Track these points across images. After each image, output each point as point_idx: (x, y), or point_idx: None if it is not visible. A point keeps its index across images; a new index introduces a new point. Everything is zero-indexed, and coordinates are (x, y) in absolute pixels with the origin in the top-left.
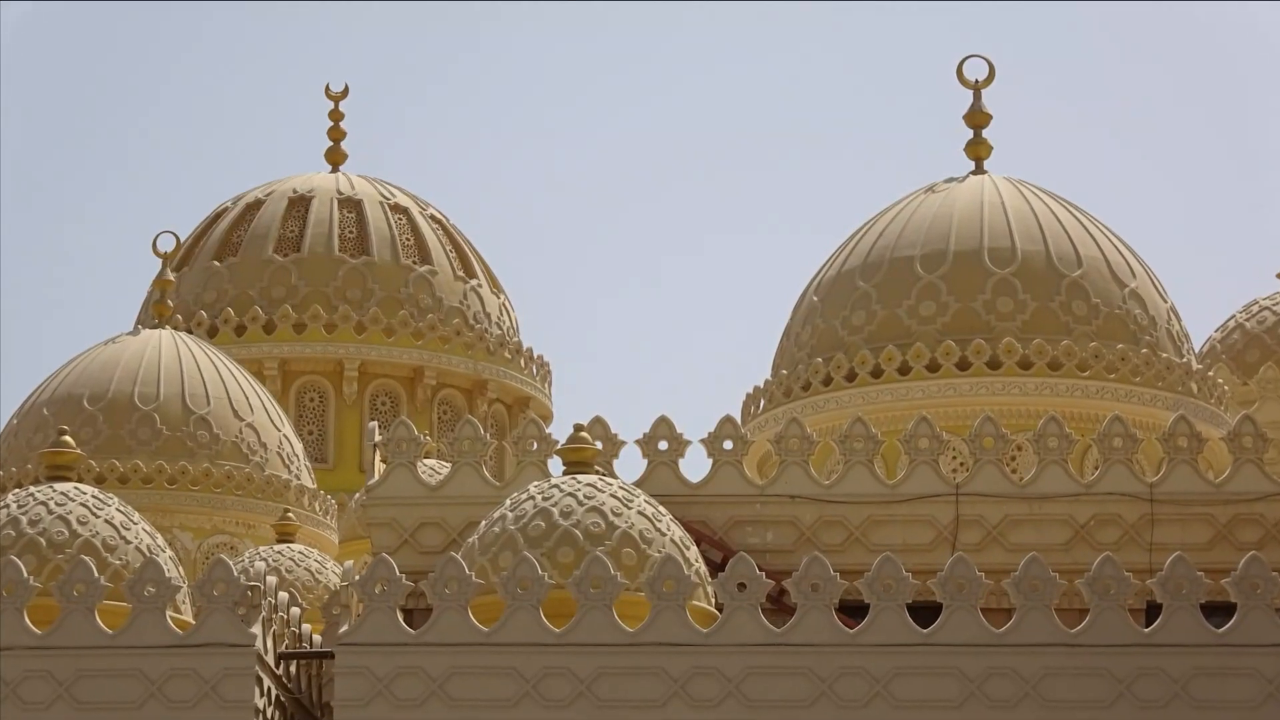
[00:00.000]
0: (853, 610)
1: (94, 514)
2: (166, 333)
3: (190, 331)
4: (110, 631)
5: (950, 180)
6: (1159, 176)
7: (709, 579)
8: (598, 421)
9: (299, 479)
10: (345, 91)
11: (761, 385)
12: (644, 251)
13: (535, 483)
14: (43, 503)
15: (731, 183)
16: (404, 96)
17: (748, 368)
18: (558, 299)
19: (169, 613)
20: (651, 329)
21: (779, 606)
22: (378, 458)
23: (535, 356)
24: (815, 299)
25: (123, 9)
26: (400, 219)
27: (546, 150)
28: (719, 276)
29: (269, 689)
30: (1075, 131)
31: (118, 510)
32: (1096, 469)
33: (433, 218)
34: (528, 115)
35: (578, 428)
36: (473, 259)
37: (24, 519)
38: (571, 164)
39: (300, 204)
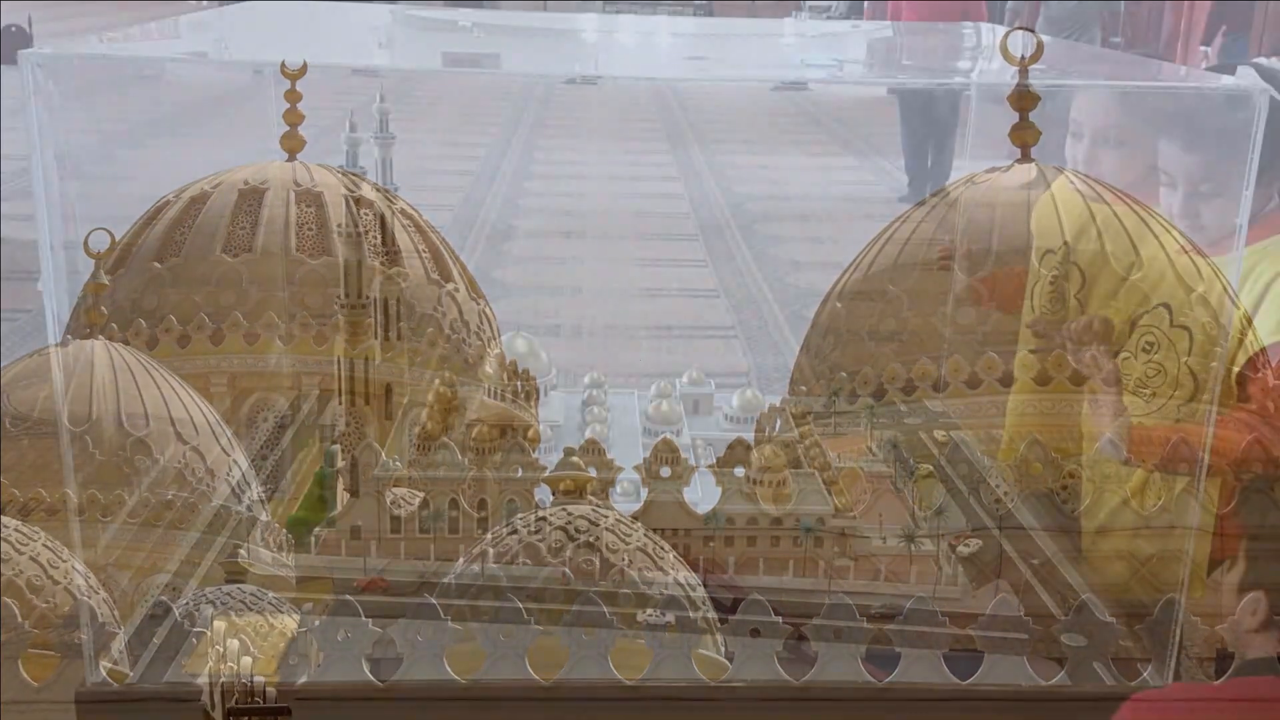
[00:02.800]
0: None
1: (17, 550)
2: (99, 343)
3: (127, 342)
4: (36, 684)
5: (992, 170)
6: None
7: (718, 624)
8: (592, 445)
9: (251, 510)
10: (304, 68)
11: (777, 403)
12: None
13: (520, 515)
14: None
15: None
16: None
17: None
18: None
19: (103, 663)
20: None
21: (798, 655)
22: (340, 486)
23: (520, 371)
24: (838, 305)
25: None
26: (367, 214)
27: None
28: None
29: None
30: None
31: (44, 546)
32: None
33: (403, 213)
34: None
35: (569, 452)
36: (449, 260)
37: None
38: None
39: (252, 197)
